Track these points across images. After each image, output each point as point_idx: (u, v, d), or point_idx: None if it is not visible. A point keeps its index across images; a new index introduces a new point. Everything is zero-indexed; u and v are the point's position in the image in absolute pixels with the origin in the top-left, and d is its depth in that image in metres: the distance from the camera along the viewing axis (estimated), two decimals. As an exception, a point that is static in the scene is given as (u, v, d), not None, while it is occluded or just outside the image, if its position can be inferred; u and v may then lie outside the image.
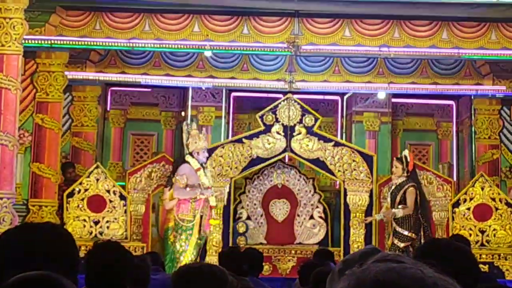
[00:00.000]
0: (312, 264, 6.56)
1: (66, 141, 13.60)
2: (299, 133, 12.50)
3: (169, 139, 15.57)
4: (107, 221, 11.82)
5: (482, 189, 12.02)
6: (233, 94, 15.51)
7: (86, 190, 11.83)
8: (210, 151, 12.47)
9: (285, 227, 12.84)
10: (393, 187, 11.58)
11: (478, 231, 11.89)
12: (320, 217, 13.05)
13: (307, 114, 12.59)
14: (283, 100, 12.65)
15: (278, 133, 12.49)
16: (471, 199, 12.00)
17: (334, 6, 11.86)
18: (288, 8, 12.04)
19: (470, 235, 11.48)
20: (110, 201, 11.84)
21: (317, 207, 13.10)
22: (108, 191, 11.86)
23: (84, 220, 11.78)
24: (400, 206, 11.40)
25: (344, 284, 1.19)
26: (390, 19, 12.28)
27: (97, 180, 11.87)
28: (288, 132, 12.45)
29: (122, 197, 11.89)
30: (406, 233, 11.25)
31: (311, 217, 13.04)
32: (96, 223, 11.80)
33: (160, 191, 12.67)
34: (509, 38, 12.18)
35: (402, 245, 11.20)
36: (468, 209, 11.95)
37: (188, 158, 11.28)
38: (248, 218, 13.02)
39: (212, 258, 11.45)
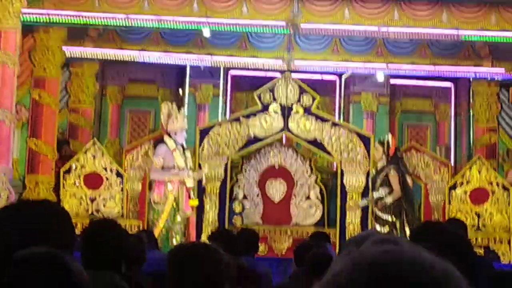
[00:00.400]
0: (307, 245, 6.56)
1: (63, 117, 13.57)
2: (297, 113, 12.47)
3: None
4: (104, 199, 11.83)
5: (479, 172, 12.03)
6: (231, 72, 15.47)
7: (82, 167, 11.83)
8: (207, 130, 12.45)
9: (281, 207, 12.84)
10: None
11: (474, 214, 11.91)
12: (317, 198, 13.05)
13: (305, 93, 12.56)
14: (281, 79, 12.61)
15: (275, 112, 12.47)
16: (468, 182, 12.01)
17: (334, -15, 11.80)
18: (288, -13, 11.98)
19: (466, 218, 11.48)
20: (107, 179, 11.85)
21: (313, 188, 13.09)
22: (105, 169, 11.86)
23: (81, 197, 11.79)
24: (381, 190, 11.44)
25: (341, 265, 1.18)
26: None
27: (94, 157, 11.86)
28: (286, 111, 12.43)
29: (119, 175, 11.89)
30: (386, 217, 11.27)
31: (308, 198, 13.04)
32: (93, 200, 11.81)
33: (156, 169, 12.66)
34: (509, 20, 12.13)
35: (383, 229, 11.22)
36: (465, 192, 11.97)
37: (165, 138, 11.22)
38: (245, 197, 13.01)
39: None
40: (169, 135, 11.22)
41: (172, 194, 11.06)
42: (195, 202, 11.35)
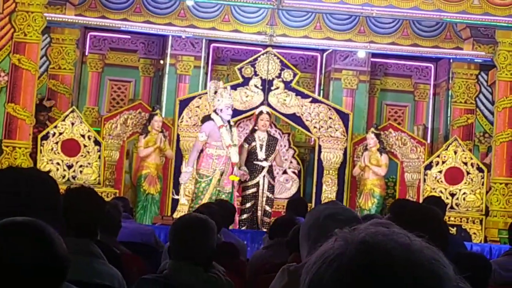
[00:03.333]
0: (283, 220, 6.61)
1: (42, 83, 13.48)
2: (277, 88, 12.51)
3: (147, 87, 15.48)
4: (81, 166, 11.83)
5: (455, 153, 12.13)
6: (213, 44, 15.41)
7: (60, 133, 11.81)
8: (187, 101, 12.46)
9: (258, 180, 12.89)
10: (266, 139, 11.70)
11: (448, 194, 12.03)
12: (294, 172, 13.12)
13: (286, 69, 12.59)
14: (263, 54, 12.63)
15: (256, 86, 12.49)
16: (443, 162, 12.12)
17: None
18: (273, -39, 11.94)
19: (440, 197, 11.59)
20: (85, 146, 11.84)
21: (291, 162, 13.15)
22: (83, 136, 11.85)
23: (58, 163, 11.78)
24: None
25: (332, 243, 1.23)
26: (374, -22, 12.20)
27: (72, 124, 11.84)
28: (266, 86, 12.45)
29: (97, 143, 11.88)
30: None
31: (284, 172, 13.11)
32: (70, 167, 11.80)
33: (135, 138, 12.67)
34: (492, 4, 12.17)
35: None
36: (440, 172, 12.07)
37: (213, 115, 11.25)
38: (222, 169, 13.03)
39: (185, 208, 11.49)
40: (216, 112, 11.22)
41: (219, 169, 11.06)
42: (236, 178, 11.30)
